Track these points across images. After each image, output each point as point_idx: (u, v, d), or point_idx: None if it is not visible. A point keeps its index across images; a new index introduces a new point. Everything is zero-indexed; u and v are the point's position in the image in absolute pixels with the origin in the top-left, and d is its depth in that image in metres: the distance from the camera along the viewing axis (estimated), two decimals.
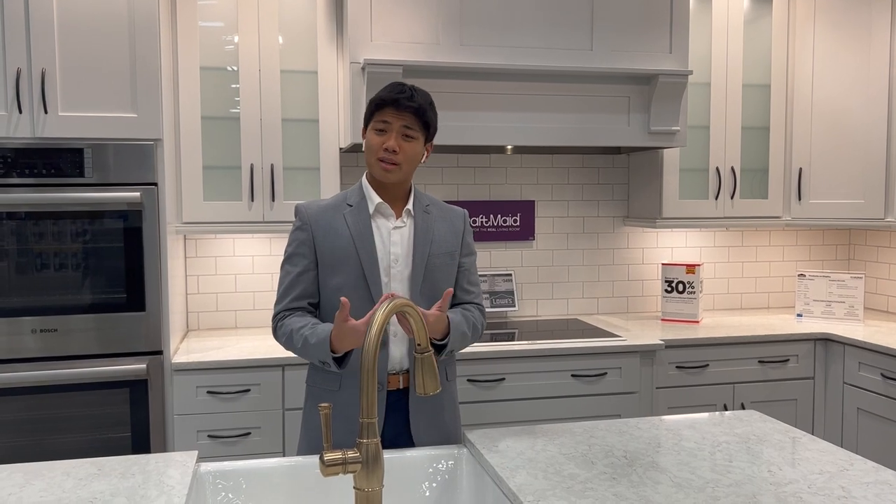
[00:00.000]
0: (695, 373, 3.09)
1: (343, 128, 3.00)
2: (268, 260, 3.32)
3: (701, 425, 1.85)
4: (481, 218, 3.49)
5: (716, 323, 3.42)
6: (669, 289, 3.45)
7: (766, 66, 3.45)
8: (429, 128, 1.86)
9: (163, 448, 2.65)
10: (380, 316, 1.27)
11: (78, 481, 1.51)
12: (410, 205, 1.90)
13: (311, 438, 1.91)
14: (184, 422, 2.66)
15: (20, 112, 2.49)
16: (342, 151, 3.15)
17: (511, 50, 2.90)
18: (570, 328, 3.25)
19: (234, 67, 2.95)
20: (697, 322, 3.40)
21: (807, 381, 3.21)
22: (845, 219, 3.41)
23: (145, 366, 2.61)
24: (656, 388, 3.04)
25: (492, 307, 3.44)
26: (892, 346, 2.88)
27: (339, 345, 1.71)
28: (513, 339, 2.99)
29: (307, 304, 1.88)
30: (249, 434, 2.71)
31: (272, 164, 2.96)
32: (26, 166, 2.51)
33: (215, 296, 3.28)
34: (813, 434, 3.22)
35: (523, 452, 1.65)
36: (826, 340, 3.22)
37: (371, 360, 1.26)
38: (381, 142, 1.82)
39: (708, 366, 3.10)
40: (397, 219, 1.89)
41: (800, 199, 3.47)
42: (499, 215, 3.51)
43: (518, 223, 3.54)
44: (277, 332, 1.86)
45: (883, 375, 2.94)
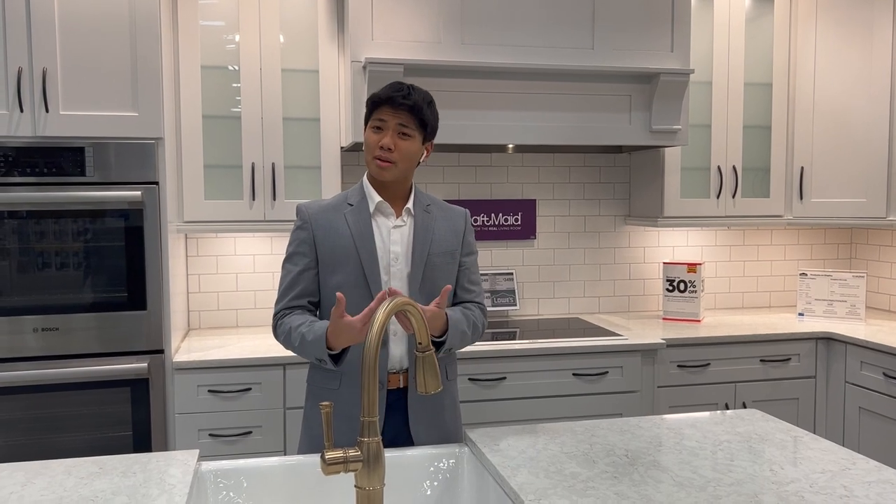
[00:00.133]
0: (696, 372, 3.09)
1: (344, 127, 2.99)
2: (269, 259, 3.32)
3: (702, 424, 1.85)
4: (482, 217, 3.49)
5: (717, 322, 3.42)
6: (671, 288, 3.45)
7: (768, 64, 3.44)
8: (426, 126, 1.85)
9: (164, 447, 2.65)
10: (381, 315, 1.27)
11: (79, 480, 1.51)
12: (411, 204, 1.90)
13: (311, 437, 1.91)
14: (185, 421, 2.66)
15: (21, 111, 2.49)
16: (343, 150, 3.14)
17: (512, 49, 2.90)
18: (572, 327, 3.24)
19: (235, 67, 2.95)
20: (699, 321, 3.40)
21: (808, 380, 3.21)
22: (847, 218, 3.41)
23: (146, 365, 2.61)
24: (657, 387, 3.04)
25: (493, 306, 3.44)
26: (894, 346, 2.87)
27: (336, 341, 1.71)
28: (514, 338, 2.98)
29: (307, 303, 1.88)
30: (250, 433, 2.71)
31: (273, 163, 2.96)
32: (28, 165, 2.51)
33: (216, 295, 3.28)
34: (814, 433, 3.22)
35: (524, 451, 1.65)
36: (828, 339, 3.21)
37: (372, 358, 1.25)
38: (377, 139, 1.82)
39: (709, 365, 3.10)
40: (397, 218, 1.89)
41: (801, 197, 3.47)
42: (500, 214, 3.51)
43: (519, 222, 3.54)
44: (277, 331, 1.87)
45: (885, 374, 2.93)
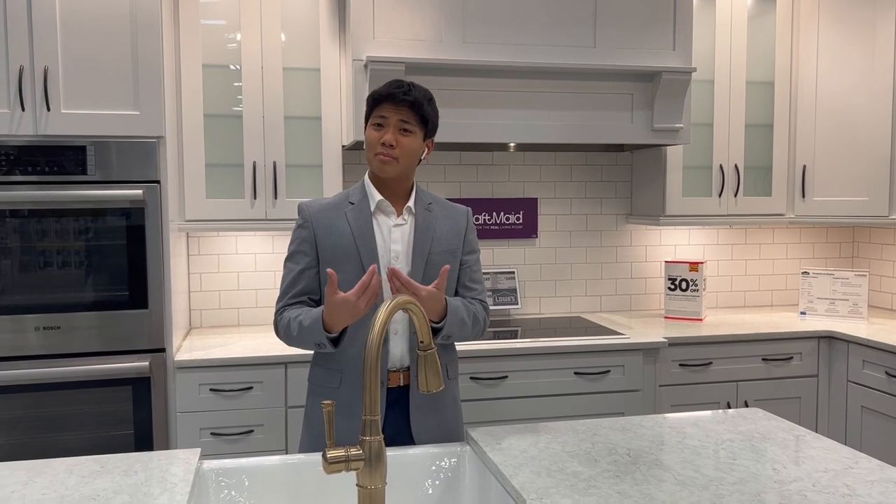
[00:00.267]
0: (698, 371, 3.08)
1: (345, 125, 2.99)
2: (270, 257, 3.32)
3: (705, 423, 1.84)
4: (484, 216, 3.49)
5: (719, 321, 3.41)
6: (672, 286, 3.44)
7: (770, 63, 3.43)
8: (427, 122, 1.85)
9: (165, 446, 2.65)
10: (382, 313, 1.26)
11: (81, 479, 1.51)
12: (411, 202, 1.90)
13: (312, 435, 1.91)
14: (186, 419, 2.66)
15: (23, 110, 2.49)
16: (345, 149, 3.14)
17: (514, 47, 2.89)
18: (573, 326, 3.24)
19: (236, 66, 2.94)
20: (701, 320, 3.40)
21: (810, 378, 3.21)
22: (849, 216, 3.40)
23: (148, 363, 2.61)
24: (659, 386, 3.03)
25: (495, 305, 3.43)
26: None
27: (332, 321, 1.71)
28: (516, 337, 2.98)
29: (308, 300, 1.88)
30: (252, 432, 2.70)
31: (274, 162, 2.96)
32: (29, 164, 2.51)
33: (218, 293, 3.28)
34: (816, 432, 3.22)
35: (526, 450, 1.65)
36: (830, 338, 3.21)
37: (374, 356, 1.25)
38: (378, 136, 1.82)
39: (711, 364, 3.09)
40: (398, 216, 1.89)
41: (803, 196, 3.46)
42: (501, 213, 3.51)
43: (521, 221, 3.53)
44: (277, 327, 1.87)
45: (887, 373, 2.93)
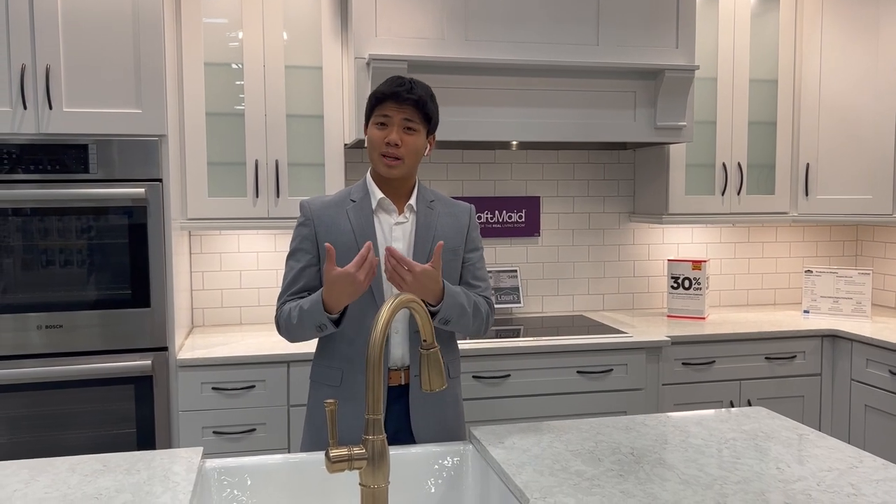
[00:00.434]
0: (701, 369, 3.08)
1: (348, 123, 2.99)
2: (272, 256, 3.32)
3: (708, 422, 1.84)
4: (486, 214, 3.48)
5: (722, 319, 3.40)
6: (675, 285, 3.44)
7: (774, 61, 3.42)
8: (430, 120, 1.84)
9: (168, 444, 2.65)
10: (385, 312, 1.26)
11: (83, 477, 1.51)
12: (413, 200, 1.89)
13: (313, 430, 1.90)
14: (189, 418, 2.66)
15: (25, 108, 2.49)
16: (347, 147, 3.14)
17: (516, 45, 2.89)
18: (576, 324, 3.24)
19: (238, 64, 2.94)
20: (703, 318, 3.39)
21: (814, 377, 3.20)
22: (853, 214, 3.39)
23: (150, 362, 2.61)
24: (662, 385, 3.02)
25: (497, 303, 3.43)
26: None
27: (332, 299, 1.70)
28: (518, 336, 2.97)
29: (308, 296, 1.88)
30: (254, 430, 2.70)
31: (277, 160, 2.96)
32: (31, 162, 2.51)
33: (220, 292, 3.28)
34: (820, 431, 3.21)
35: (529, 449, 1.64)
36: (833, 337, 3.20)
37: (377, 354, 1.25)
38: (382, 136, 1.81)
39: (714, 362, 3.09)
40: (399, 214, 1.88)
41: (807, 194, 3.45)
42: (504, 211, 3.50)
43: (523, 219, 3.53)
44: (279, 321, 1.86)
45: (891, 372, 2.92)
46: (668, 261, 3.47)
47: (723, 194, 3.38)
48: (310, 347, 2.64)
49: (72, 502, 1.38)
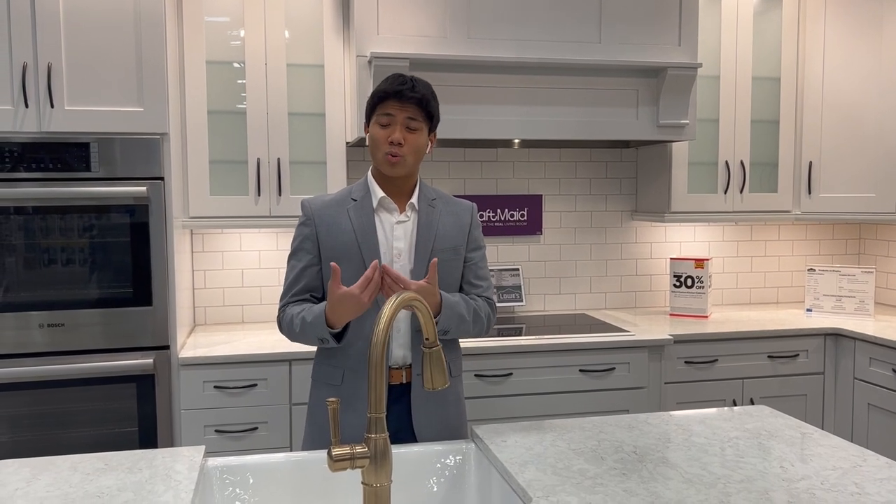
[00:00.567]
0: (703, 368, 3.07)
1: (349, 122, 2.98)
2: (274, 254, 3.32)
3: (711, 420, 1.83)
4: (488, 212, 3.48)
5: (724, 318, 3.40)
6: (678, 283, 3.43)
7: (776, 58, 3.41)
8: (432, 118, 1.84)
9: (170, 443, 2.65)
10: (387, 310, 1.25)
11: (85, 476, 1.51)
12: (415, 199, 1.89)
13: (314, 427, 1.90)
14: (191, 416, 2.66)
15: (26, 106, 2.49)
16: (349, 145, 3.13)
17: (518, 43, 2.88)
18: (578, 323, 3.23)
19: (239, 64, 2.93)
20: (706, 317, 3.38)
21: (817, 376, 3.19)
22: (856, 213, 3.38)
23: (152, 360, 2.60)
24: (665, 384, 3.02)
25: (499, 302, 3.42)
26: None
27: (335, 316, 1.71)
28: (520, 334, 2.97)
29: (310, 297, 1.88)
30: (256, 429, 2.70)
31: (278, 159, 2.95)
32: (33, 161, 2.51)
33: (222, 290, 3.28)
34: (823, 430, 3.20)
35: (532, 448, 1.64)
36: (836, 335, 3.19)
37: (379, 353, 1.24)
38: (385, 135, 1.80)
39: (717, 361, 3.08)
40: (401, 213, 1.88)
41: (810, 193, 3.44)
42: (506, 210, 3.50)
43: (525, 217, 3.52)
44: (281, 324, 1.87)
45: (894, 371, 2.91)
46: (671, 259, 3.46)
47: (725, 192, 3.37)
48: (311, 346, 2.63)
49: (73, 501, 1.38)
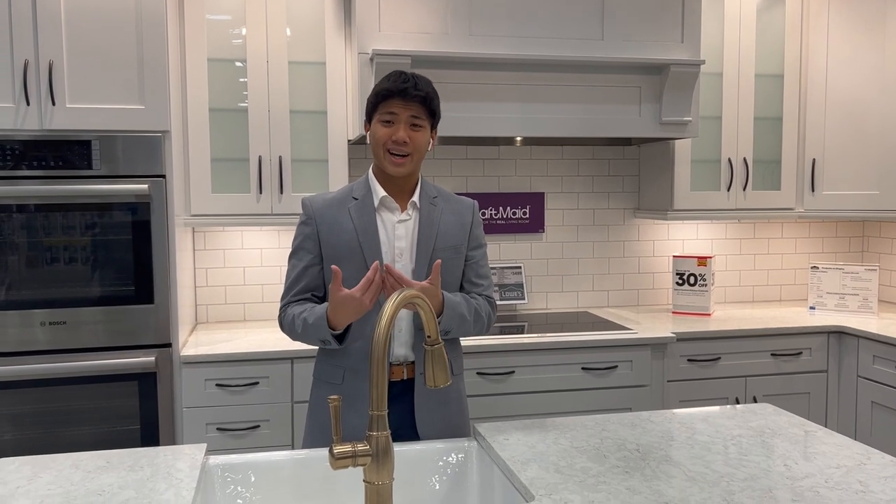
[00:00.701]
0: (706, 366, 3.06)
1: (351, 119, 2.98)
2: (276, 252, 3.31)
3: (714, 419, 1.82)
4: (490, 210, 3.47)
5: (727, 316, 3.39)
6: (681, 281, 3.42)
7: (780, 55, 3.40)
8: (434, 115, 1.83)
9: (171, 441, 2.65)
10: (389, 308, 1.25)
11: (86, 474, 1.51)
12: (416, 197, 1.88)
13: (316, 431, 1.90)
14: (192, 414, 2.65)
15: (28, 104, 2.48)
16: (350, 143, 3.13)
17: (520, 40, 2.87)
18: (580, 321, 3.22)
19: (241, 63, 2.93)
20: (709, 315, 3.37)
21: (820, 374, 3.18)
22: (859, 210, 3.37)
23: (154, 358, 2.60)
24: (667, 382, 3.01)
25: (501, 300, 3.42)
26: None
27: (336, 318, 1.70)
28: (522, 332, 2.96)
29: (311, 297, 1.87)
30: (258, 427, 2.70)
31: (280, 157, 2.95)
32: (34, 158, 2.51)
33: (224, 288, 3.28)
34: (826, 428, 3.19)
35: (534, 446, 1.63)
36: (839, 333, 3.18)
37: (381, 351, 1.24)
38: (389, 134, 1.79)
39: (720, 359, 3.07)
40: (402, 212, 1.87)
41: (813, 190, 3.43)
42: (508, 207, 3.49)
43: (527, 215, 3.51)
44: (282, 323, 1.86)
45: None
46: (674, 257, 3.46)
47: (728, 190, 3.36)
48: (313, 346, 2.63)
49: (75, 499, 1.38)
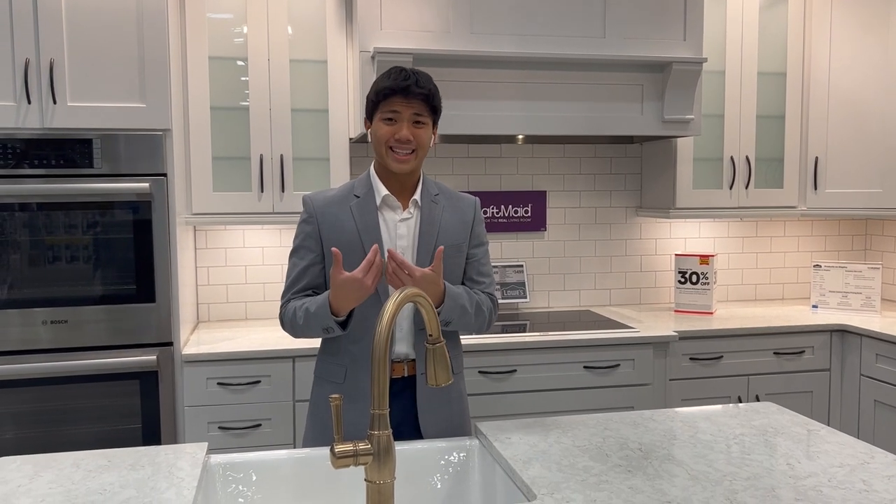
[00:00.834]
0: (709, 364, 3.06)
1: (353, 118, 2.97)
2: (278, 251, 3.31)
3: (717, 417, 1.82)
4: (492, 209, 3.46)
5: (730, 314, 3.38)
6: (683, 280, 3.41)
7: (782, 53, 3.39)
8: (436, 111, 1.82)
9: (173, 440, 2.65)
10: (390, 306, 1.24)
11: (87, 473, 1.50)
12: (417, 195, 1.87)
13: (317, 429, 1.89)
14: (194, 413, 2.65)
15: (29, 103, 2.48)
16: (352, 142, 3.12)
17: (522, 38, 2.86)
18: (582, 319, 3.22)
19: (243, 59, 2.92)
20: (711, 313, 3.37)
21: (822, 372, 3.17)
22: (862, 208, 3.36)
23: (155, 357, 2.60)
24: (669, 380, 3.01)
25: (503, 298, 3.41)
26: None
27: (339, 303, 1.69)
28: (524, 331, 2.96)
29: (312, 294, 1.86)
30: (260, 426, 2.70)
31: (282, 155, 2.94)
32: (36, 157, 2.50)
33: (225, 287, 3.27)
34: (829, 427, 3.19)
35: (536, 445, 1.63)
36: (842, 332, 3.18)
37: (382, 349, 1.23)
38: (391, 132, 1.78)
39: (722, 357, 3.06)
40: (404, 210, 1.86)
41: (815, 188, 3.42)
42: (510, 206, 3.48)
43: (529, 214, 3.51)
44: (283, 319, 1.85)
45: None
46: (676, 255, 3.45)
47: (731, 188, 3.35)
48: (315, 343, 2.63)
49: (75, 498, 1.38)
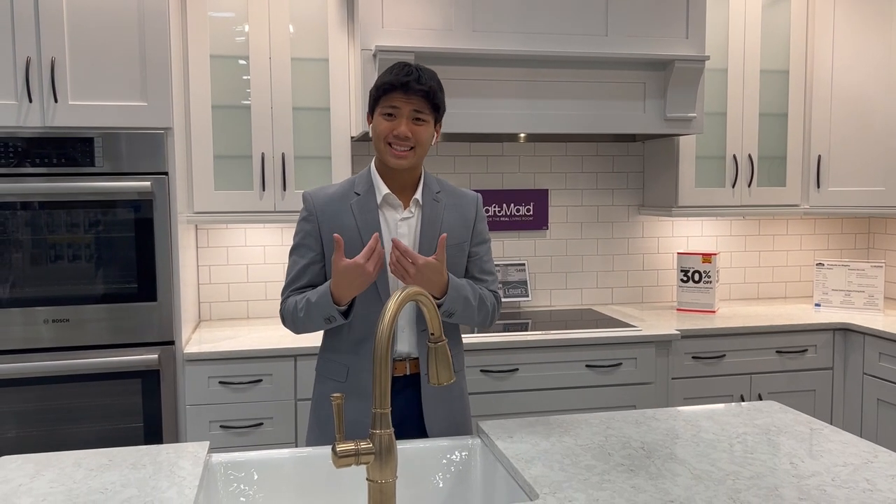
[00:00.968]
0: (711, 363, 3.05)
1: (354, 116, 2.97)
2: (279, 250, 3.31)
3: (719, 416, 1.81)
4: (494, 207, 3.46)
5: (732, 313, 3.37)
6: (685, 278, 3.41)
7: (785, 51, 3.38)
8: (438, 109, 1.80)
9: (175, 438, 2.65)
10: (392, 304, 1.24)
11: (89, 472, 1.50)
12: (419, 194, 1.86)
13: (318, 428, 1.89)
14: (196, 412, 2.65)
15: (30, 101, 2.48)
16: (353, 140, 3.12)
17: (524, 36, 2.86)
18: (585, 318, 3.21)
19: (244, 61, 2.92)
20: (713, 312, 3.36)
21: (825, 371, 3.17)
22: (865, 207, 3.35)
23: (157, 356, 2.60)
24: (672, 379, 3.00)
25: (505, 297, 3.41)
26: None
27: (340, 291, 1.68)
28: (526, 330, 2.95)
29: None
30: (261, 424, 2.70)
31: (283, 153, 2.94)
32: (37, 156, 2.50)
33: (227, 286, 3.27)
34: (832, 425, 3.18)
35: (538, 444, 1.62)
36: (845, 330, 3.17)
37: (384, 348, 1.23)
38: (390, 128, 1.77)
39: (724, 356, 3.06)
40: (405, 209, 1.85)
41: (818, 186, 3.41)
42: (512, 204, 3.48)
43: (531, 212, 3.50)
44: (284, 315, 1.84)
45: None
46: (678, 254, 3.44)
47: (733, 186, 3.34)
48: (316, 341, 2.63)
49: (77, 497, 1.38)
